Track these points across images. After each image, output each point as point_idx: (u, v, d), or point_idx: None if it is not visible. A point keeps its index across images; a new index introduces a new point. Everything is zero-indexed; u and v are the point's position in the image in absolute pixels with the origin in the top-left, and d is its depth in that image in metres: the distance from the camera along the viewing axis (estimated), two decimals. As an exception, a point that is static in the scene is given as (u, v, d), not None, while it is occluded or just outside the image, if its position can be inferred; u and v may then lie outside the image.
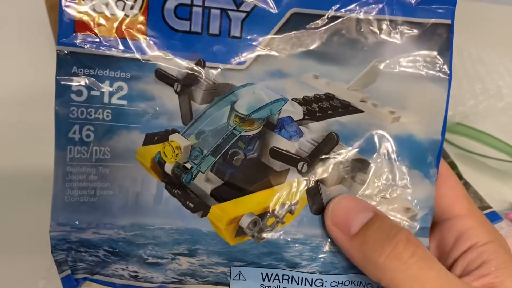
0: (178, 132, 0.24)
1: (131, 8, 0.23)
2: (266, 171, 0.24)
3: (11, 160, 0.42)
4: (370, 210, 0.23)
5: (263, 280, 0.24)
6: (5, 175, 0.41)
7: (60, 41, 0.23)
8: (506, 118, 0.49)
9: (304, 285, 0.24)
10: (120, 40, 0.23)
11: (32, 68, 0.48)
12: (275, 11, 0.24)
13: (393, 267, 0.21)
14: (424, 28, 0.24)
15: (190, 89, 0.24)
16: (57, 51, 0.23)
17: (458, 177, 0.29)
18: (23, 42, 0.51)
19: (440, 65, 0.24)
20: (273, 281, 0.24)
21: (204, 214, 0.24)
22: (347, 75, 0.24)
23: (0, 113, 0.45)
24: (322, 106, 0.24)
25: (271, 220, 0.24)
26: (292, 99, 0.24)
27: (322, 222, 0.24)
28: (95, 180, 0.24)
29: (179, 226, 0.24)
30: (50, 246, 0.24)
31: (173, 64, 0.24)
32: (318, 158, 0.24)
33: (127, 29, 0.23)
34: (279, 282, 0.24)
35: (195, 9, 0.23)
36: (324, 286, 0.24)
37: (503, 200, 0.43)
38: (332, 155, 0.24)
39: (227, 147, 0.24)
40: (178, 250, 0.24)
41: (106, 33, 0.23)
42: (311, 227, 0.24)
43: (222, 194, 0.24)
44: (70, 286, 0.24)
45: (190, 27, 0.23)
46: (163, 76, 0.24)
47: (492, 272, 0.22)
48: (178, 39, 0.23)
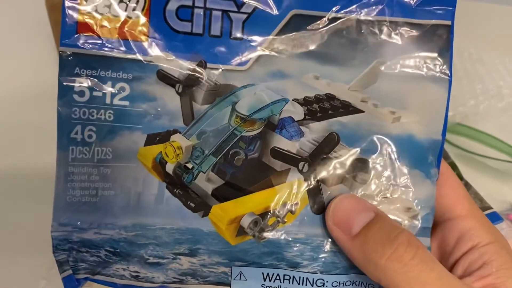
0: (180, 133, 0.24)
1: (133, 9, 0.23)
2: (267, 171, 0.24)
3: (11, 160, 0.42)
4: (371, 210, 0.23)
5: (264, 280, 0.24)
6: (5, 175, 0.41)
7: (62, 42, 0.23)
8: (506, 118, 0.49)
9: (305, 285, 0.24)
10: (122, 41, 0.23)
11: (32, 68, 0.48)
12: (276, 13, 0.24)
13: (394, 269, 0.21)
14: (424, 29, 0.24)
15: (192, 90, 0.24)
16: (60, 52, 0.23)
17: (459, 178, 0.29)
18: (23, 42, 0.50)
19: (440, 65, 0.24)
20: (274, 281, 0.24)
21: (205, 214, 0.24)
22: (348, 76, 0.24)
23: (0, 113, 0.45)
24: (322, 107, 0.24)
25: (272, 220, 0.24)
26: (293, 100, 0.24)
27: (323, 221, 0.24)
28: (97, 180, 0.24)
29: (180, 226, 0.24)
30: (52, 246, 0.24)
31: (175, 65, 0.24)
32: (319, 158, 0.24)
33: (129, 31, 0.23)
34: (280, 282, 0.24)
35: (196, 10, 0.23)
36: (326, 286, 0.24)
37: (503, 201, 0.43)
38: (333, 155, 0.24)
39: (228, 147, 0.24)
40: (179, 250, 0.24)
41: (109, 34, 0.23)
42: (312, 226, 0.24)
43: (223, 194, 0.24)
44: (72, 286, 0.24)
45: (191, 28, 0.24)
46: (164, 77, 0.24)
47: (493, 273, 0.22)
48: (179, 41, 0.24)
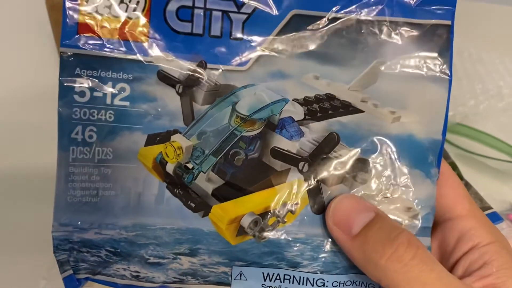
0: (180, 133, 0.24)
1: (134, 10, 0.23)
2: (267, 171, 0.24)
3: (11, 160, 0.42)
4: (371, 210, 0.23)
5: (264, 280, 0.24)
6: (5, 175, 0.41)
7: (63, 42, 0.23)
8: (506, 118, 0.49)
9: (306, 285, 0.24)
10: (123, 42, 0.23)
11: (32, 68, 0.48)
12: (276, 13, 0.24)
13: (394, 269, 0.21)
14: (424, 29, 0.24)
15: (192, 90, 0.24)
16: (61, 52, 0.23)
17: (459, 178, 0.29)
18: (23, 42, 0.50)
19: (440, 65, 0.24)
20: (274, 281, 0.24)
21: (206, 214, 0.24)
22: (348, 76, 0.24)
23: (0, 113, 0.45)
24: (322, 107, 0.24)
25: (272, 220, 0.24)
26: (293, 100, 0.24)
27: (323, 221, 0.24)
28: (97, 180, 0.24)
29: (180, 226, 0.24)
30: (52, 246, 0.24)
31: (175, 65, 0.24)
32: (319, 158, 0.24)
33: (129, 31, 0.23)
34: (281, 282, 0.24)
35: (196, 11, 0.24)
36: (326, 286, 0.24)
37: (503, 201, 0.43)
38: (333, 155, 0.24)
39: (228, 147, 0.24)
40: (179, 250, 0.24)
41: (109, 35, 0.23)
42: (312, 226, 0.24)
43: (223, 193, 0.24)
44: (72, 286, 0.24)
45: (191, 29, 0.24)
46: (165, 78, 0.24)
47: (493, 273, 0.22)
48: (180, 41, 0.24)
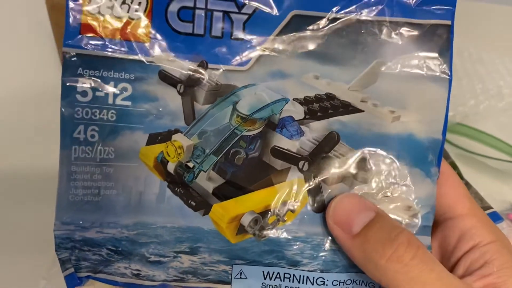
0: (181, 132, 0.24)
1: (136, 10, 0.23)
2: (268, 170, 0.24)
3: (11, 160, 0.42)
4: (372, 209, 0.23)
5: (264, 278, 0.24)
6: (5, 175, 0.41)
7: (66, 43, 0.23)
8: (506, 118, 0.49)
9: (306, 283, 0.24)
10: (125, 42, 0.23)
11: (32, 68, 0.48)
12: (276, 13, 0.24)
13: (394, 269, 0.21)
14: (424, 29, 0.24)
15: (193, 90, 0.24)
16: (63, 52, 0.23)
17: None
18: (23, 42, 0.50)
19: (441, 65, 0.24)
20: (274, 280, 0.24)
21: (206, 213, 0.24)
22: (348, 76, 0.24)
23: (0, 113, 0.45)
24: (323, 106, 0.24)
25: (272, 218, 0.24)
26: (293, 99, 0.24)
27: (323, 220, 0.24)
28: (99, 179, 0.24)
29: (181, 225, 0.24)
30: (54, 245, 0.24)
31: (176, 65, 0.24)
32: (319, 157, 0.24)
33: (131, 32, 0.23)
34: (281, 280, 0.24)
35: (198, 11, 0.24)
36: (326, 285, 0.24)
37: (503, 200, 0.43)
38: (333, 154, 0.24)
39: (229, 146, 0.24)
40: (180, 248, 0.24)
41: (111, 35, 0.23)
42: (312, 225, 0.24)
43: (223, 192, 0.24)
44: (73, 284, 0.24)
45: (193, 29, 0.24)
46: (166, 78, 0.24)
47: (494, 272, 0.22)
48: (181, 41, 0.24)
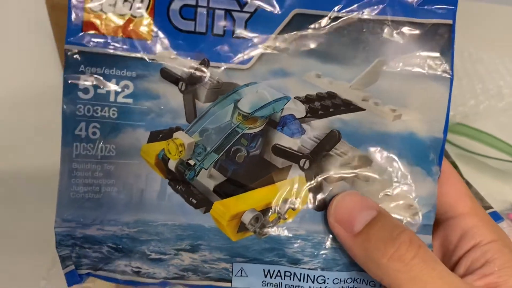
0: (182, 130, 0.24)
1: (138, 8, 0.23)
2: (269, 167, 0.24)
3: (11, 160, 0.42)
4: (373, 208, 0.23)
5: (265, 276, 0.25)
6: (5, 175, 0.41)
7: (68, 40, 0.23)
8: (506, 118, 0.49)
9: (306, 281, 0.24)
10: (127, 40, 0.23)
11: (32, 68, 0.48)
12: (278, 12, 0.24)
13: (396, 268, 0.21)
14: (425, 29, 0.24)
15: (195, 88, 0.24)
16: (65, 50, 0.23)
17: (459, 177, 0.29)
18: (23, 42, 0.50)
19: (442, 64, 0.24)
20: (275, 278, 0.25)
21: (207, 210, 0.24)
22: (349, 74, 0.24)
23: (0, 113, 0.45)
24: (324, 104, 0.25)
25: (273, 216, 0.24)
26: (294, 98, 0.24)
27: (324, 218, 0.24)
28: (100, 176, 0.24)
29: (182, 222, 0.24)
30: (55, 242, 0.24)
31: (178, 63, 0.24)
32: (320, 155, 0.24)
33: (133, 29, 0.23)
34: (281, 278, 0.25)
35: (200, 10, 0.24)
36: (326, 283, 0.24)
37: (504, 200, 0.43)
38: (334, 152, 0.24)
39: (230, 144, 0.24)
40: (180, 246, 0.24)
41: (113, 33, 0.23)
42: (313, 223, 0.24)
43: (224, 190, 0.24)
44: (74, 281, 0.24)
45: (195, 27, 0.24)
46: (168, 75, 0.24)
47: (495, 271, 0.22)
48: (183, 39, 0.24)
